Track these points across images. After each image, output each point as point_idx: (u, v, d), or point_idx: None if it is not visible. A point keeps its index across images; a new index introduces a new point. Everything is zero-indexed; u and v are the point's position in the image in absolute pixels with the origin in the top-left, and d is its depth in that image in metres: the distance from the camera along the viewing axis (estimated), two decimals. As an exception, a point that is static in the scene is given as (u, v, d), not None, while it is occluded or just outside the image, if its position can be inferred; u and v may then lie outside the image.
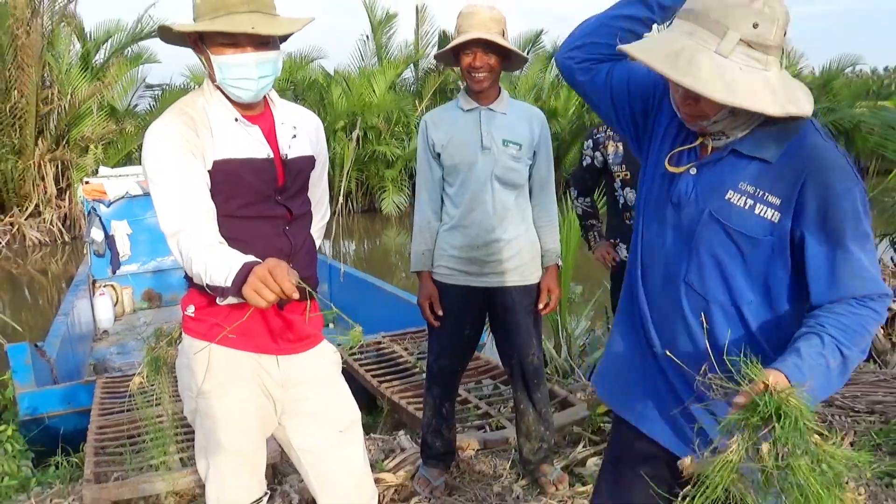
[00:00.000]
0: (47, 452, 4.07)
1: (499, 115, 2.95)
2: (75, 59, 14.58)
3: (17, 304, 10.31)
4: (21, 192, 13.52)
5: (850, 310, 1.46)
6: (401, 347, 5.31)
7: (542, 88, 17.92)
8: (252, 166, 1.91)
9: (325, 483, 2.10)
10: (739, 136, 1.53)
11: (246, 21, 1.78)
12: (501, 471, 3.43)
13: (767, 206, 1.49)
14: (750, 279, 1.55)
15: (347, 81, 16.54)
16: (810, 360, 1.41)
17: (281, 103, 2.07)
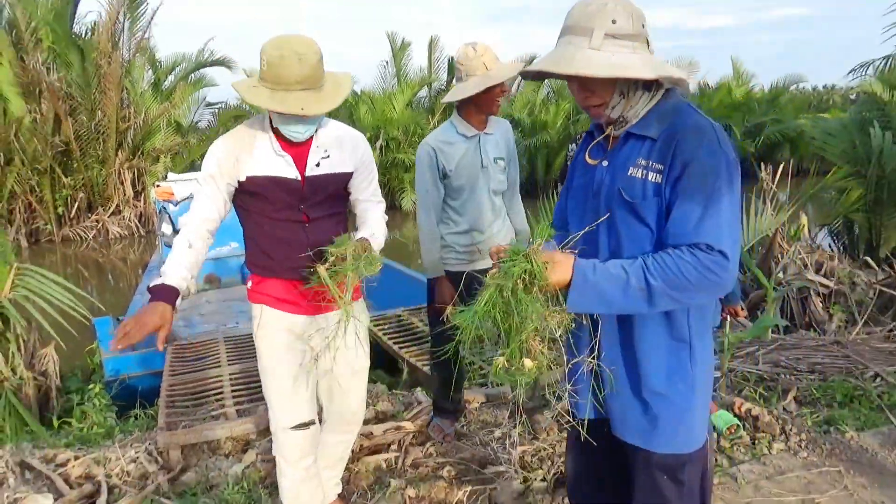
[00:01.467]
0: (127, 406, 4.11)
1: (489, 137, 2.93)
2: (148, 84, 14.58)
3: (102, 287, 10.36)
4: (105, 194, 13.55)
5: (676, 252, 1.42)
6: (417, 320, 5.32)
7: (535, 104, 17.78)
8: (279, 183, 2.10)
9: (332, 401, 2.39)
10: (633, 121, 1.55)
11: (296, 103, 1.92)
12: (501, 420, 3.42)
13: (654, 172, 1.49)
14: (652, 240, 1.52)
15: (372, 100, 16.48)
16: (610, 269, 1.45)
17: (325, 130, 2.18)
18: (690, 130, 1.46)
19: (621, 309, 1.47)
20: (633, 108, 1.54)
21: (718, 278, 1.41)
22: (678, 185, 1.45)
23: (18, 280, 4.32)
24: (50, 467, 2.98)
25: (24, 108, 12.31)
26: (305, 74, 1.92)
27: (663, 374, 1.58)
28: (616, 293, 1.44)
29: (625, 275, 1.44)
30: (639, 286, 1.43)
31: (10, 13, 12.74)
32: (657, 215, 1.50)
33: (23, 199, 12.80)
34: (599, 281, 1.44)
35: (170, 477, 2.95)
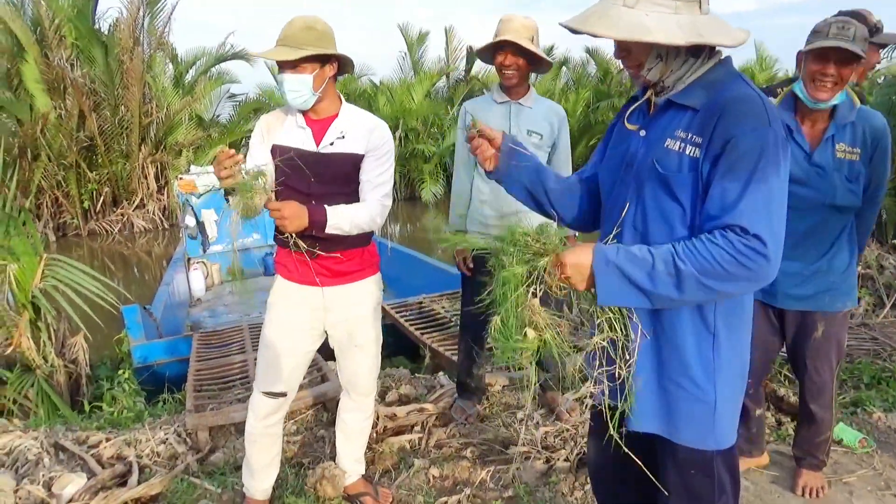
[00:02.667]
0: (155, 392, 4.18)
1: (525, 109, 2.95)
2: (169, 79, 14.72)
3: (128, 279, 10.52)
4: (129, 188, 13.72)
5: (709, 237, 1.32)
6: (439, 306, 5.34)
7: (554, 93, 17.66)
8: (298, 153, 2.26)
9: (345, 368, 2.53)
10: (679, 88, 1.45)
11: (271, 53, 2.17)
12: (524, 402, 3.44)
13: (693, 146, 1.39)
14: (683, 219, 1.42)
15: (391, 91, 16.49)
16: (635, 252, 1.36)
17: (347, 113, 2.33)
18: (736, 103, 1.35)
19: (652, 298, 1.36)
20: (674, 73, 1.45)
21: (755, 265, 1.29)
22: (718, 163, 1.34)
23: (48, 271, 4.42)
24: (83, 448, 3.06)
25: (49, 105, 12.50)
26: (287, 34, 2.17)
27: (683, 362, 1.48)
28: (641, 277, 1.34)
29: (650, 258, 1.34)
30: (667, 271, 1.32)
31: (33, 10, 12.94)
32: (692, 193, 1.39)
33: (50, 193, 13.01)
34: (622, 264, 1.35)
35: (198, 457, 3.02)
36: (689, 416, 1.50)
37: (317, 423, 3.33)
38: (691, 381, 1.48)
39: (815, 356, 2.44)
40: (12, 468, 2.90)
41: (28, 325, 4.36)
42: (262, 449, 2.48)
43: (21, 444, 3.01)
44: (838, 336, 2.43)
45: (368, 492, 2.65)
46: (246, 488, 2.57)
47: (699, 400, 1.49)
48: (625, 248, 1.38)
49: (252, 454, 2.49)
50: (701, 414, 1.50)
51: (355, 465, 2.67)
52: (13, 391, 4.18)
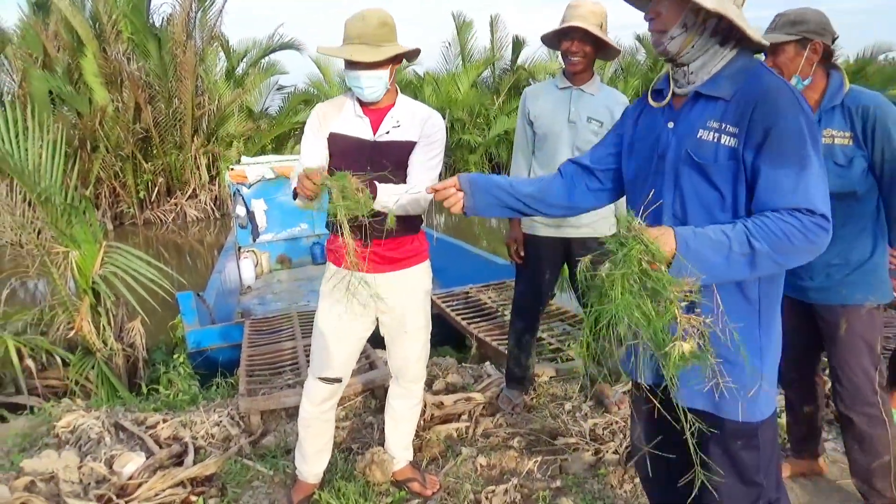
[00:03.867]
0: (208, 376, 4.30)
1: (587, 96, 2.91)
2: (221, 71, 15.04)
3: (181, 266, 10.82)
4: (182, 178, 14.10)
5: (777, 215, 1.38)
6: (485, 296, 5.33)
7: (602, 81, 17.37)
8: (353, 142, 2.32)
9: (394, 354, 2.56)
10: (704, 79, 1.51)
11: (347, 51, 2.18)
12: (571, 393, 3.41)
13: (728, 136, 1.45)
14: (723, 205, 1.48)
15: (437, 81, 16.49)
16: (710, 234, 1.39)
17: (403, 104, 2.37)
18: (769, 92, 1.43)
19: (721, 276, 1.41)
20: (698, 57, 1.50)
21: (821, 241, 1.39)
22: (763, 151, 1.41)
23: (107, 258, 4.58)
24: (141, 429, 3.17)
25: (107, 98, 12.93)
26: (363, 31, 2.17)
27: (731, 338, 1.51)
28: (718, 259, 1.39)
29: (726, 240, 1.39)
30: (741, 251, 1.38)
31: (92, 6, 13.38)
32: (732, 180, 1.46)
33: (108, 184, 13.48)
34: (701, 248, 1.38)
35: (251, 440, 3.09)
36: (736, 391, 1.54)
37: (365, 410, 3.38)
38: (738, 356, 1.52)
39: (841, 355, 2.25)
40: (76, 445, 3.03)
41: (89, 310, 4.54)
42: (315, 434, 2.54)
43: (84, 422, 3.14)
44: (865, 335, 2.22)
45: (416, 478, 2.68)
46: (298, 471, 2.62)
47: (746, 374, 1.53)
48: (701, 232, 1.41)
49: (305, 439, 2.54)
50: (748, 388, 1.54)
51: (403, 452, 2.71)
52: (75, 373, 4.36)
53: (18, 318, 4.74)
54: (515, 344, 3.21)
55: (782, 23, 2.12)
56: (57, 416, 3.33)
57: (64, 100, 12.92)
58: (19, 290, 7.02)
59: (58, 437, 3.16)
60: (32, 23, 13.19)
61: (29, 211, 4.86)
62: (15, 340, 4.26)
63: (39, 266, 4.76)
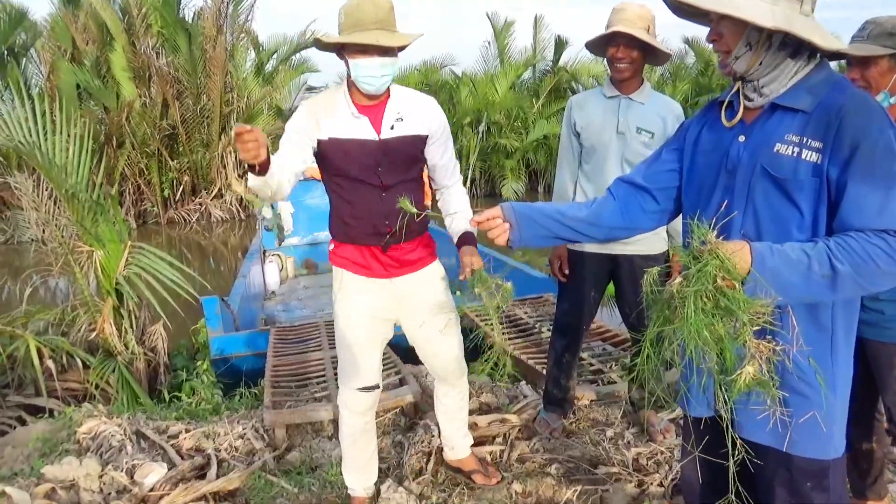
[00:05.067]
0: (231, 385, 4.35)
1: (637, 105, 2.86)
2: (250, 67, 15.30)
3: (204, 269, 10.99)
4: (208, 177, 14.35)
5: (862, 236, 1.35)
6: (521, 311, 5.30)
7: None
8: (358, 145, 2.28)
9: (432, 357, 2.61)
10: (780, 91, 1.48)
11: (372, 36, 2.14)
12: (613, 419, 3.37)
13: (811, 150, 1.42)
14: (801, 224, 1.45)
15: (474, 82, 16.52)
16: (789, 252, 1.36)
17: (397, 94, 2.34)
18: (856, 106, 1.39)
19: (800, 296, 1.39)
20: (768, 73, 1.48)
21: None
22: (850, 167, 1.37)
23: (131, 258, 4.68)
24: (163, 438, 3.22)
25: (134, 93, 13.25)
26: (380, 17, 2.16)
27: (800, 367, 1.49)
28: (797, 279, 1.36)
29: (806, 259, 1.36)
30: (823, 272, 1.35)
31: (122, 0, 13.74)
32: (814, 198, 1.43)
33: (132, 181, 13.79)
34: (778, 266, 1.36)
35: (275, 454, 3.12)
36: (807, 425, 1.51)
37: (395, 428, 3.38)
38: (811, 387, 1.49)
39: (886, 394, 2.23)
40: (97, 452, 3.09)
41: (111, 312, 4.63)
42: (363, 446, 2.61)
43: (106, 429, 3.20)
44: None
45: (479, 469, 2.83)
46: (351, 488, 2.69)
47: (819, 407, 1.50)
48: (778, 249, 1.39)
49: (354, 453, 2.61)
50: (820, 422, 1.51)
51: (464, 440, 2.85)
52: (96, 376, 4.45)
53: (41, 318, 4.85)
54: (555, 364, 3.18)
55: (877, 33, 2.05)
56: (78, 421, 3.40)
57: (91, 94, 13.27)
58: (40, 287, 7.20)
59: (79, 443, 3.22)
60: (62, 15, 13.59)
61: (54, 208, 4.99)
62: (36, 341, 4.36)
63: (63, 264, 4.88)
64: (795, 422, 1.51)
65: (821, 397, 1.49)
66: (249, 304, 6.63)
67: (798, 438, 1.52)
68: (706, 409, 1.65)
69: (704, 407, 1.65)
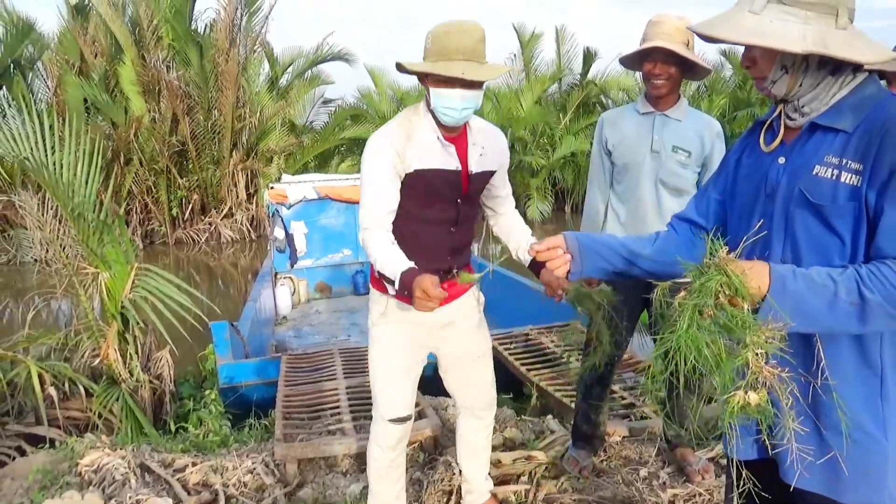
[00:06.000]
0: (240, 415, 4.36)
1: (673, 122, 2.86)
2: (264, 81, 15.53)
3: (213, 292, 11.08)
4: (218, 196, 14.53)
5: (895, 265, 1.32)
6: (547, 339, 5.27)
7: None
8: (443, 175, 2.30)
9: (460, 392, 2.66)
10: (821, 110, 1.47)
11: (458, 67, 2.11)
12: (647, 457, 3.32)
13: (850, 173, 1.40)
14: (842, 252, 1.43)
15: (497, 97, 16.63)
16: (814, 276, 1.35)
17: (477, 127, 2.39)
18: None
19: (824, 325, 1.37)
20: (808, 92, 1.47)
21: None
22: (888, 191, 1.35)
23: (138, 281, 4.73)
24: (168, 472, 3.23)
25: (144, 108, 13.51)
26: (469, 46, 2.14)
27: (848, 408, 1.45)
28: (821, 306, 1.34)
29: (832, 285, 1.34)
30: (850, 300, 1.33)
31: (133, 11, 14.06)
32: (853, 223, 1.41)
33: (140, 199, 14.01)
34: (801, 290, 1.35)
35: (286, 491, 3.11)
36: (859, 471, 1.47)
37: (413, 464, 3.36)
38: (860, 430, 1.46)
39: None
40: (100, 486, 3.11)
41: (116, 337, 4.67)
42: (391, 482, 2.60)
43: (109, 462, 3.22)
44: None
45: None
46: None
47: (869, 452, 1.46)
48: (802, 273, 1.38)
49: (382, 489, 2.61)
50: (873, 467, 1.47)
51: (485, 484, 2.84)
52: (99, 404, 4.48)
53: (43, 342, 4.91)
54: (584, 397, 3.16)
55: None
56: (80, 452, 3.42)
57: (99, 109, 13.54)
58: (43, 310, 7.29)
59: (81, 475, 3.24)
60: (70, 27, 13.92)
61: (59, 227, 5.06)
62: (38, 366, 4.41)
63: (66, 286, 4.94)
64: (845, 467, 1.46)
65: (874, 440, 1.46)
66: (260, 329, 6.66)
67: (850, 486, 1.48)
68: (752, 450, 1.61)
69: (750, 448, 1.62)
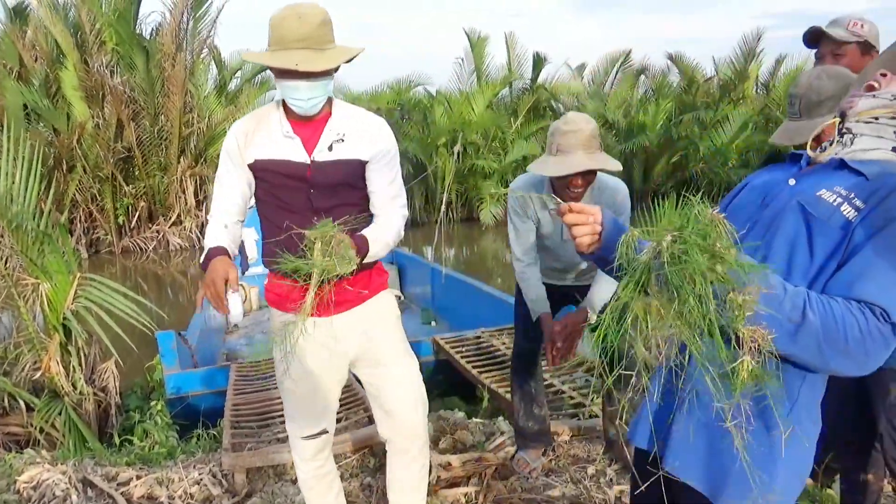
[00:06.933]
0: (188, 426, 4.29)
1: None
2: (212, 86, 15.30)
3: (162, 300, 10.86)
4: (166, 203, 14.25)
5: (848, 305, 1.32)
6: (499, 342, 5.32)
7: (631, 104, 17.55)
8: (285, 166, 2.15)
9: (382, 411, 2.41)
10: (859, 157, 1.48)
11: (293, 58, 1.98)
12: (595, 455, 3.38)
13: (852, 208, 1.40)
14: (806, 271, 1.42)
15: (449, 101, 16.68)
16: (770, 279, 1.30)
17: (340, 111, 2.21)
18: None
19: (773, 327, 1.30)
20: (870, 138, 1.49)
21: (876, 353, 1.32)
22: (874, 237, 1.37)
23: (81, 291, 4.61)
24: (112, 486, 3.16)
25: (87, 113, 13.16)
26: (305, 33, 2.00)
27: None
28: (768, 303, 1.29)
29: (783, 293, 1.32)
30: (791, 316, 1.31)
31: (75, 15, 13.71)
32: (832, 249, 1.41)
33: (84, 207, 13.65)
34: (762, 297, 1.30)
35: (234, 501, 3.07)
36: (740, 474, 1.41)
37: (363, 469, 3.35)
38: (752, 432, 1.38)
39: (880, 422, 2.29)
40: (39, 503, 3.02)
41: (58, 349, 4.55)
42: (320, 493, 2.52)
43: (49, 477, 3.13)
44: None
45: None
46: None
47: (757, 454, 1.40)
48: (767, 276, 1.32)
49: (312, 498, 2.53)
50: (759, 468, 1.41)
51: None
52: (40, 419, 4.36)
53: (-21, 357, 4.75)
54: (521, 397, 3.23)
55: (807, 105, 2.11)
56: (18, 469, 3.33)
57: (40, 115, 13.15)
58: (-20, 323, 7.06)
59: (19, 493, 3.15)
60: (8, 31, 13.50)
61: (-3, 237, 4.91)
62: (-25, 382, 4.27)
63: (5, 298, 4.80)
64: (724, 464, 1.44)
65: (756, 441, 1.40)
66: (210, 338, 6.56)
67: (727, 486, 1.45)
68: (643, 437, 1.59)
69: (641, 435, 1.59)
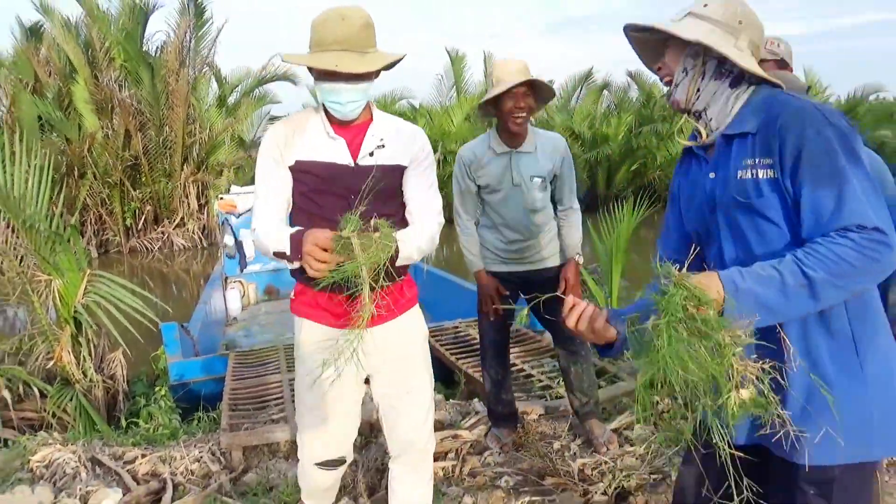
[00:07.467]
0: (190, 410, 4.26)
1: (525, 156, 2.92)
2: (213, 99, 15.19)
3: (166, 296, 10.73)
4: (170, 206, 14.14)
5: (827, 240, 1.30)
6: (474, 332, 5.32)
7: (595, 117, 17.66)
8: (329, 168, 1.95)
9: (387, 426, 2.20)
10: (727, 121, 1.50)
11: (332, 59, 1.81)
12: (560, 432, 3.40)
13: (765, 168, 1.40)
14: (783, 238, 1.41)
15: (430, 114, 16.70)
16: (758, 271, 1.32)
17: (381, 119, 2.04)
18: (790, 115, 1.38)
19: (786, 312, 1.33)
20: (713, 104, 1.50)
21: (884, 256, 1.28)
22: (798, 176, 1.35)
23: (90, 286, 4.56)
24: (118, 464, 3.13)
25: (97, 124, 13.02)
26: (346, 34, 1.82)
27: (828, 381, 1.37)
28: (775, 295, 1.30)
29: (777, 274, 1.31)
30: (798, 283, 1.30)
31: (86, 34, 13.55)
32: (783, 211, 1.40)
33: (94, 211, 13.50)
34: (752, 286, 1.31)
35: (232, 477, 3.06)
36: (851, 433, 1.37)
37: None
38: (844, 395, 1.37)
39: None
40: (50, 481, 2.98)
41: (69, 340, 4.50)
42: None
43: (60, 457, 3.10)
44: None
45: None
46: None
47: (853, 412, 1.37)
48: (748, 271, 1.34)
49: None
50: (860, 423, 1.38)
51: None
52: (53, 405, 4.31)
53: (-3, 348, 4.69)
54: (492, 384, 3.25)
55: None
56: (32, 449, 3.28)
57: (53, 125, 13.01)
58: (-2, 317, 6.96)
59: (32, 471, 3.11)
60: (24, 48, 13.33)
61: (12, 237, 4.85)
62: (-8, 371, 4.21)
63: (20, 293, 4.73)
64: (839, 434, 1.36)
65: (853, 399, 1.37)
66: (210, 330, 6.51)
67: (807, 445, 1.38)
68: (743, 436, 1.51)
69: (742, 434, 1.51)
